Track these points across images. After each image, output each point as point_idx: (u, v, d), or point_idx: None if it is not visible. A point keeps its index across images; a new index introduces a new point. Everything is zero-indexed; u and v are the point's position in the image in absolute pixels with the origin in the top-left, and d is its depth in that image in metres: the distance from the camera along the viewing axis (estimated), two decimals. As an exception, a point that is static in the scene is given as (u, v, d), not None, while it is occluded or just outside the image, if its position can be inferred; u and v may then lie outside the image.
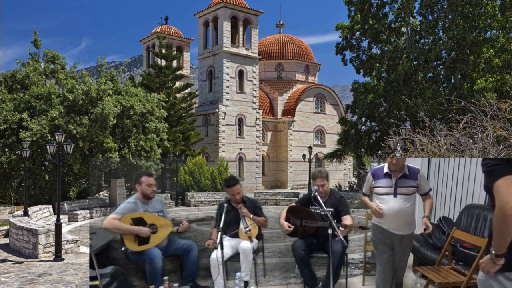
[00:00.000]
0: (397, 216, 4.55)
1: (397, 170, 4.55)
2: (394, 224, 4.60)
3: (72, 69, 21.26)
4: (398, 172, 4.56)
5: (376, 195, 4.69)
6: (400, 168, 4.58)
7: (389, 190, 4.56)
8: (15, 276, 7.94)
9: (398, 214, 4.54)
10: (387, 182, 4.59)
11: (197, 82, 45.56)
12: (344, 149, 28.48)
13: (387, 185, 4.58)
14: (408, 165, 4.63)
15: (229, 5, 35.14)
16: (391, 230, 4.63)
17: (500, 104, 5.91)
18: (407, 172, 4.58)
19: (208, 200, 24.03)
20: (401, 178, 4.56)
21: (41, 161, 19.71)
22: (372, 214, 4.76)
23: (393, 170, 4.58)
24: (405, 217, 4.60)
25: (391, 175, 4.58)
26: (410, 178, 4.57)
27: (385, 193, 4.59)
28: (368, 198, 4.84)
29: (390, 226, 4.62)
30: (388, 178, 4.59)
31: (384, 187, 4.60)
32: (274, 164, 40.16)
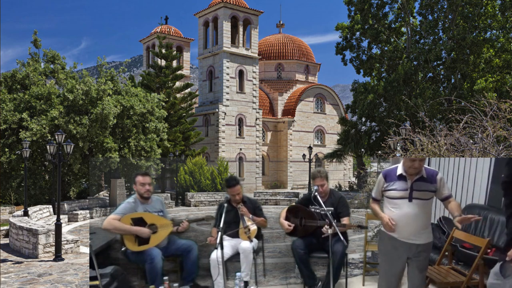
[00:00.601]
0: (412, 223, 4.06)
1: (414, 172, 4.09)
2: (408, 232, 4.09)
3: (72, 69, 21.26)
4: (414, 175, 4.09)
5: (388, 199, 4.22)
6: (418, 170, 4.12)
7: (403, 194, 4.09)
8: (15, 276, 7.94)
9: (413, 220, 4.06)
10: (401, 185, 4.10)
11: (197, 82, 45.56)
12: (344, 149, 28.50)
13: (401, 188, 4.10)
14: (425, 166, 4.18)
15: (229, 5, 35.14)
16: (404, 239, 4.10)
17: (500, 104, 5.91)
18: (424, 174, 4.10)
19: (208, 200, 24.03)
20: (417, 181, 4.08)
21: (41, 161, 19.71)
22: (383, 226, 4.31)
23: (410, 173, 4.10)
24: (421, 224, 4.10)
25: (406, 177, 4.09)
26: (427, 181, 4.08)
27: (399, 197, 4.10)
28: (378, 204, 4.34)
29: (403, 234, 4.10)
30: (402, 180, 4.11)
31: (398, 190, 4.11)
32: (274, 164, 40.16)
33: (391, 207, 4.16)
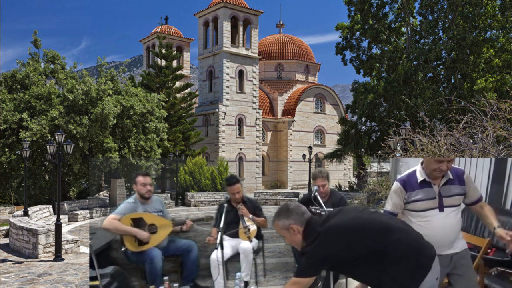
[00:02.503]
0: (447, 235, 3.41)
1: (440, 175, 3.41)
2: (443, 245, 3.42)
3: (72, 69, 21.26)
4: (440, 178, 3.41)
5: (412, 212, 3.45)
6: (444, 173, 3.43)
7: (432, 204, 3.38)
8: (15, 276, 7.94)
9: (448, 232, 3.40)
10: (427, 193, 3.39)
11: (197, 82, 45.57)
12: (344, 149, 28.50)
13: (428, 197, 3.39)
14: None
15: (229, 5, 35.15)
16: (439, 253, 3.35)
17: (500, 104, 5.91)
18: (451, 175, 3.43)
19: (208, 200, 24.03)
20: (444, 184, 3.42)
21: (41, 161, 19.71)
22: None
23: (435, 176, 3.40)
24: (456, 233, 3.47)
25: (431, 183, 3.40)
26: (455, 183, 3.43)
27: (428, 208, 3.39)
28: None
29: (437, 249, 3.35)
30: (427, 187, 3.40)
31: (424, 200, 3.39)
32: (274, 164, 40.16)
33: (418, 221, 3.41)
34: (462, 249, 3.51)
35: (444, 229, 3.38)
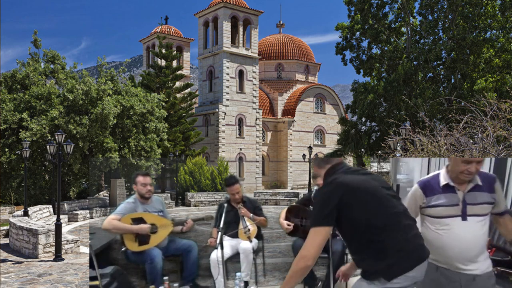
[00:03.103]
0: (468, 247, 3.03)
1: (467, 179, 3.06)
2: (463, 259, 3.04)
3: (72, 69, 21.27)
4: (466, 183, 3.06)
5: (431, 218, 3.14)
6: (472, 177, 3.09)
7: (454, 211, 3.05)
8: (15, 276, 7.94)
9: (470, 244, 3.03)
10: (450, 199, 3.06)
11: (197, 82, 45.56)
12: (344, 149, 28.51)
13: (450, 203, 3.05)
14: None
15: (229, 5, 35.15)
16: (457, 269, 3.06)
17: (500, 104, 5.91)
18: (479, 181, 3.07)
19: (208, 200, 24.02)
20: (471, 190, 3.06)
21: (41, 161, 19.71)
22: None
23: (461, 180, 3.06)
24: (480, 248, 3.06)
25: (455, 187, 3.06)
26: (483, 190, 3.07)
27: (448, 215, 3.06)
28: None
29: (456, 263, 3.05)
30: (450, 192, 3.07)
31: (445, 206, 3.06)
32: (274, 164, 40.16)
33: (436, 229, 3.11)
34: (486, 270, 3.06)
35: (466, 241, 3.02)
